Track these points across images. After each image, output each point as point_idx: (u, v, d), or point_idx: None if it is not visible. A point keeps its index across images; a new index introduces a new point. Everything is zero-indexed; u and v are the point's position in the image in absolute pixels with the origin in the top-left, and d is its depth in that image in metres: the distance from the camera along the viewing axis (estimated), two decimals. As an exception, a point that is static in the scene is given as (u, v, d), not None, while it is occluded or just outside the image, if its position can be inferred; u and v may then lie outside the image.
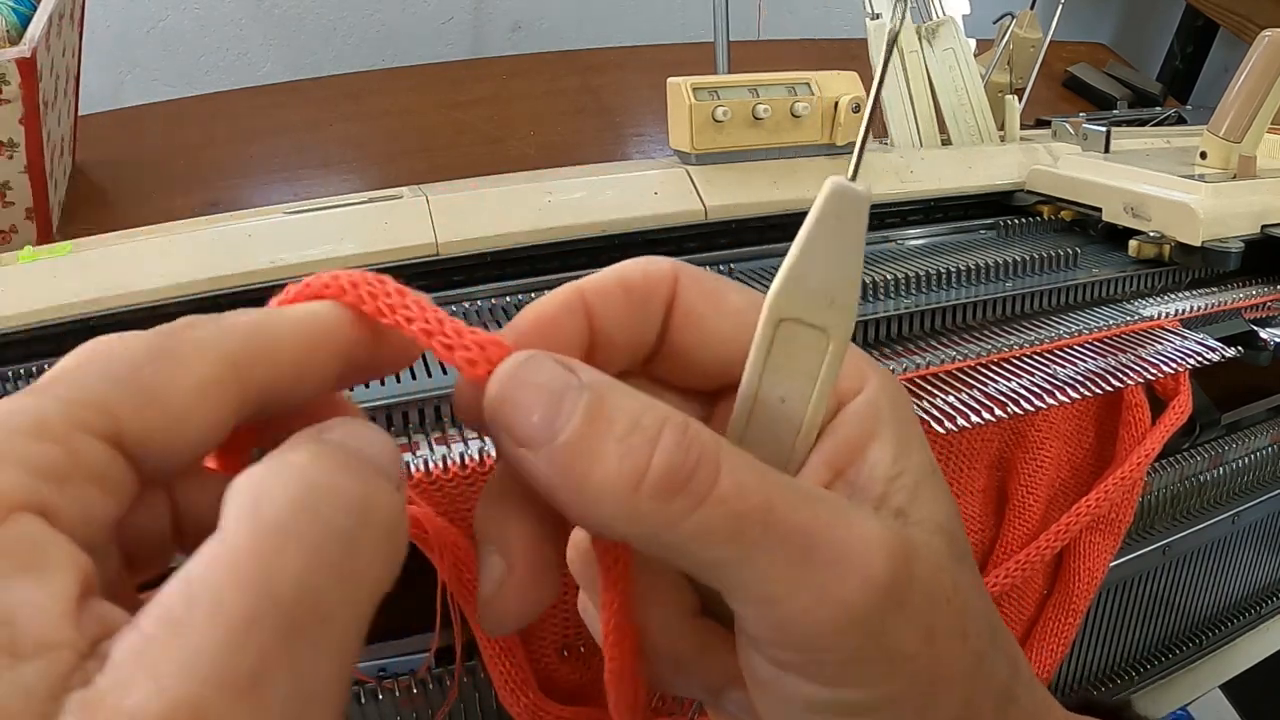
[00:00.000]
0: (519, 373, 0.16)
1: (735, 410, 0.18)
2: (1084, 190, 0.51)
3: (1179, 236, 0.46)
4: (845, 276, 0.17)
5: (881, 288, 0.41)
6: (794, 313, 0.17)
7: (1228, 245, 0.45)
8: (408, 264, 0.42)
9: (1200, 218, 0.45)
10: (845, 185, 0.17)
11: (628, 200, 0.45)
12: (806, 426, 0.18)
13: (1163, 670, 0.52)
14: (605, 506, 0.16)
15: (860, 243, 0.17)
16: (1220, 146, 0.50)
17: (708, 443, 0.16)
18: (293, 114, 0.88)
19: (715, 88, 0.47)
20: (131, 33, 1.14)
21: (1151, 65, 1.33)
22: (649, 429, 0.16)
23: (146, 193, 0.75)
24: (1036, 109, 0.86)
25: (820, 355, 0.18)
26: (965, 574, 0.18)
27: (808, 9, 1.35)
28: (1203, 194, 0.46)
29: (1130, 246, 0.47)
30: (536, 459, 0.16)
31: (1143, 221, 0.48)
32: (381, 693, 0.35)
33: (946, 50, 0.57)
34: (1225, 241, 0.45)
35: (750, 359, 0.18)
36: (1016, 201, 0.55)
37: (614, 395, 0.16)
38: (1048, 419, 0.41)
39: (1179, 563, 0.51)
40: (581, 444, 0.16)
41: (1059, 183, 0.53)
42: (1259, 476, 0.53)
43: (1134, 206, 0.48)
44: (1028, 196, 0.55)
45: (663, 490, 0.16)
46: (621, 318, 0.19)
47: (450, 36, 1.26)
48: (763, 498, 0.16)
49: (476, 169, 0.50)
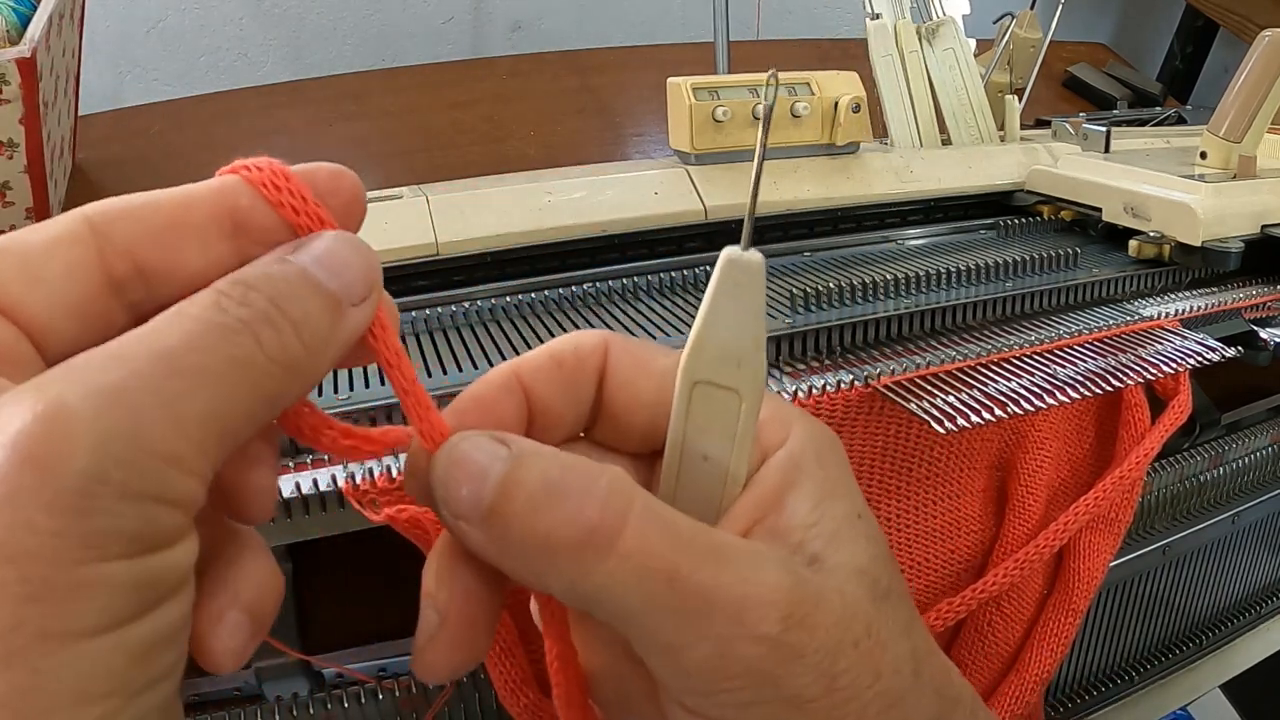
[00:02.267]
0: (453, 452, 0.18)
1: (664, 468, 0.20)
2: (1084, 190, 0.51)
3: (1179, 236, 0.46)
4: (749, 339, 0.19)
5: (882, 288, 0.41)
6: (705, 376, 0.19)
7: (1228, 245, 0.45)
8: (408, 264, 0.42)
9: (1200, 217, 0.45)
10: (739, 255, 0.18)
11: (627, 200, 0.45)
12: (730, 480, 0.20)
13: (1162, 670, 0.51)
14: (527, 561, 0.17)
15: (760, 307, 0.18)
16: (1220, 146, 0.50)
17: (620, 500, 0.17)
18: (293, 114, 0.88)
19: (715, 88, 0.47)
20: (131, 33, 1.14)
21: (1151, 65, 1.33)
22: (564, 488, 0.17)
23: (146, 193, 0.75)
24: (1036, 109, 0.86)
25: (735, 414, 0.19)
26: (885, 615, 0.19)
27: (808, 9, 1.35)
28: (1203, 194, 0.46)
29: (1130, 246, 0.47)
30: (470, 529, 0.18)
31: (1143, 221, 0.48)
32: (381, 693, 0.35)
33: (946, 50, 0.57)
34: (1225, 241, 0.45)
35: (671, 420, 0.20)
36: (1016, 202, 0.55)
37: (532, 459, 0.18)
38: (1048, 419, 0.41)
39: (1179, 563, 0.51)
40: (501, 505, 0.17)
41: (1059, 183, 0.53)
42: (1259, 476, 0.53)
43: (1134, 206, 0.48)
44: (1027, 197, 0.55)
45: (572, 544, 0.17)
46: (556, 391, 0.20)
47: (450, 36, 1.26)
48: (668, 556, 0.17)
49: (476, 169, 0.50)
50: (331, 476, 0.30)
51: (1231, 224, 0.46)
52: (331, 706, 0.35)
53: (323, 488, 0.29)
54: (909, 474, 0.37)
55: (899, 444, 0.37)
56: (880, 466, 0.37)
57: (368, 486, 0.29)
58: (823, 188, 0.49)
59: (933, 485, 0.38)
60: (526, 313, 0.41)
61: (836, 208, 0.49)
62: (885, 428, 0.36)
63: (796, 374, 0.36)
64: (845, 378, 0.34)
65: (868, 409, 0.35)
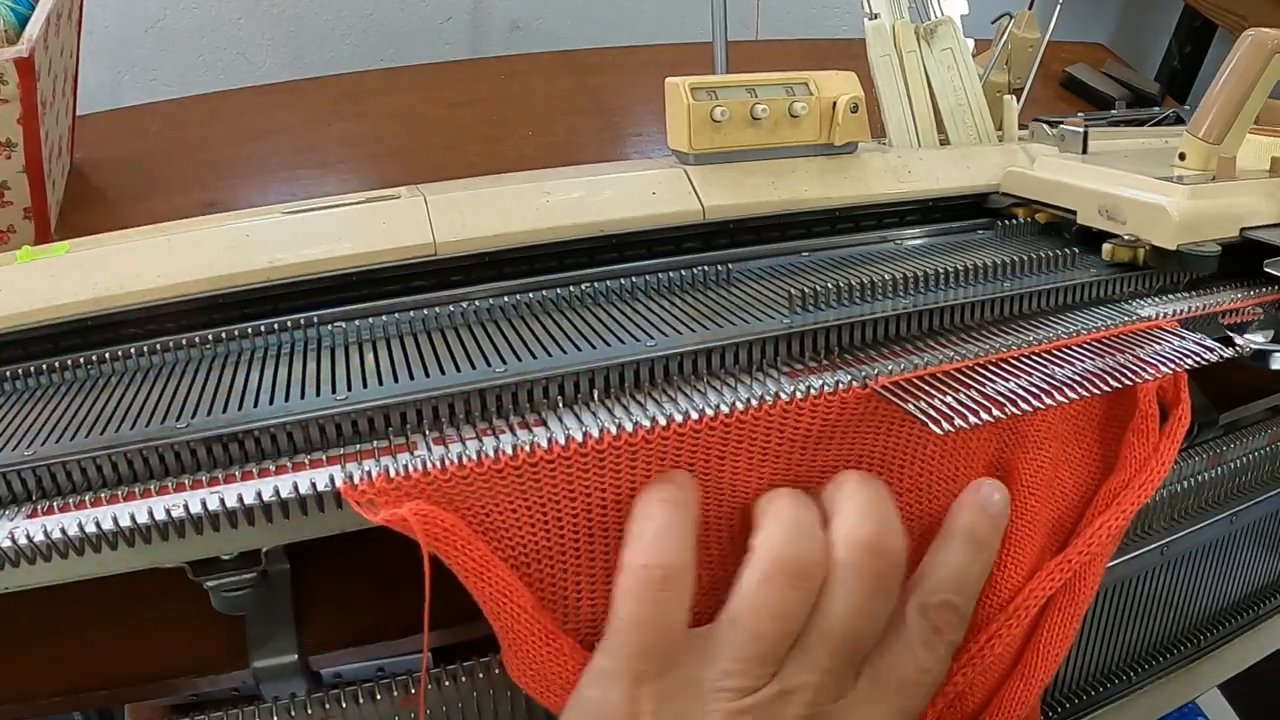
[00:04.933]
0: None
1: None
2: (1058, 192, 0.50)
3: (1154, 239, 0.45)
4: None
5: (880, 288, 0.41)
6: None
7: (1204, 248, 0.44)
8: (405, 264, 0.42)
9: (1175, 220, 0.44)
10: None
11: (626, 200, 0.45)
12: None
13: (1162, 670, 0.52)
14: None
15: None
16: (1200, 148, 0.49)
17: None
18: (291, 114, 0.88)
19: (713, 88, 0.47)
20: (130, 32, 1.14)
21: (1149, 65, 1.33)
22: None
23: (144, 193, 0.75)
24: (1035, 109, 0.86)
25: None
26: None
27: (806, 9, 1.35)
28: (1178, 196, 0.45)
29: (1104, 250, 0.46)
30: None
31: (1117, 224, 0.47)
32: (380, 693, 0.35)
33: (945, 50, 0.57)
34: (1202, 244, 0.44)
35: None
36: (991, 204, 0.54)
37: None
38: (1047, 419, 0.41)
39: (1177, 563, 0.51)
40: None
41: (1034, 185, 0.52)
42: (1257, 476, 0.53)
43: (1108, 209, 0.47)
44: (1003, 199, 0.54)
45: None
46: None
47: (449, 36, 1.26)
48: None
49: (474, 169, 0.50)
50: (330, 477, 0.30)
51: (1208, 227, 0.45)
52: (330, 707, 0.35)
53: (321, 488, 0.29)
54: (904, 474, 0.37)
55: (895, 444, 0.37)
56: (877, 467, 0.37)
57: (365, 487, 0.29)
58: (821, 187, 0.49)
59: (930, 486, 0.38)
60: (525, 313, 0.41)
61: (835, 208, 0.49)
62: (880, 428, 0.36)
63: (795, 374, 0.36)
64: (844, 378, 0.34)
65: (864, 409, 0.35)
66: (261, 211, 0.44)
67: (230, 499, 0.29)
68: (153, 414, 0.33)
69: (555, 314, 0.40)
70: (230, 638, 0.38)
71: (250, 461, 0.32)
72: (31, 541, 0.28)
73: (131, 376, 0.37)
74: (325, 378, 0.35)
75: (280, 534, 0.31)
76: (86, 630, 0.39)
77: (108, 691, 0.38)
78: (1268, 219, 0.46)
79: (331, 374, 0.35)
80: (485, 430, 0.33)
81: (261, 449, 0.32)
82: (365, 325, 0.40)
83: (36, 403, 0.35)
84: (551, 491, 0.31)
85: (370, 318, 0.41)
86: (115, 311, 0.39)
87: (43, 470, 0.31)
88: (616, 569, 0.32)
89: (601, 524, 0.32)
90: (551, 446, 0.31)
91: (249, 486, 0.30)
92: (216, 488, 0.30)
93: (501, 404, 0.34)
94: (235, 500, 0.29)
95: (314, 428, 0.32)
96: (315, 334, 0.40)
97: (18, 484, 0.30)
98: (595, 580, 0.33)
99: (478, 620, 0.31)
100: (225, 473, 0.31)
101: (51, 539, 0.28)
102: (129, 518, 0.29)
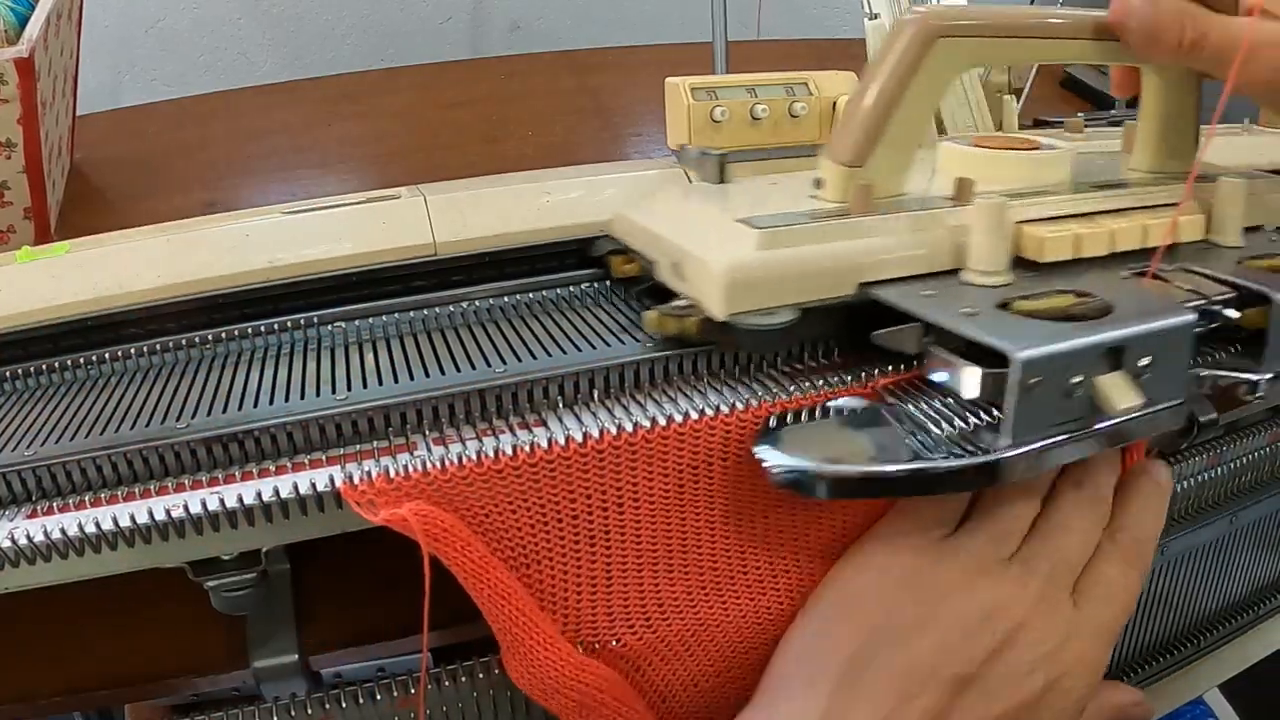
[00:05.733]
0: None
1: None
2: (645, 240, 0.39)
3: (708, 306, 0.33)
4: None
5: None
6: None
7: (769, 319, 0.33)
8: (405, 264, 0.42)
9: (722, 281, 0.32)
10: None
11: (626, 200, 0.45)
12: None
13: (1161, 670, 0.52)
14: None
15: None
16: (839, 174, 0.37)
17: None
18: (290, 114, 0.88)
19: (713, 88, 0.47)
20: (130, 32, 1.14)
21: (1150, 65, 1.33)
22: None
23: (144, 193, 0.75)
24: (1034, 109, 0.86)
25: None
26: None
27: (806, 9, 1.35)
28: (742, 247, 0.33)
29: (646, 319, 0.36)
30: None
31: (685, 285, 0.35)
32: (380, 693, 0.35)
33: (945, 50, 0.57)
34: (773, 311, 0.33)
35: None
36: (595, 251, 0.43)
37: None
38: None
39: (1177, 562, 0.51)
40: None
41: (631, 229, 0.40)
42: (1257, 476, 0.53)
43: (677, 264, 0.36)
44: (606, 244, 0.43)
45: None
46: None
47: (449, 36, 1.26)
48: None
49: (474, 169, 0.50)
50: (330, 477, 0.30)
51: (796, 286, 0.33)
52: (330, 707, 0.35)
53: (321, 488, 0.29)
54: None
55: None
56: None
57: (365, 487, 0.29)
58: (820, 188, 0.49)
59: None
60: (525, 313, 0.41)
61: (834, 208, 0.49)
62: None
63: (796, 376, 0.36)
64: (844, 378, 0.34)
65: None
66: (261, 211, 0.44)
67: (230, 499, 0.29)
68: (153, 414, 0.33)
69: (555, 314, 0.40)
70: (230, 638, 0.38)
71: (250, 462, 0.32)
72: (31, 542, 0.28)
73: (131, 377, 0.37)
74: (325, 378, 0.35)
75: (280, 534, 0.31)
76: (86, 630, 0.39)
77: (108, 691, 0.38)
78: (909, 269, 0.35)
79: (331, 374, 0.35)
80: (485, 431, 0.33)
81: (261, 449, 0.32)
82: (365, 325, 0.40)
83: (36, 403, 0.35)
84: (551, 492, 0.31)
85: (370, 318, 0.41)
86: (115, 311, 0.39)
87: (43, 470, 0.31)
88: (616, 569, 0.32)
89: (601, 525, 0.32)
90: (551, 447, 0.31)
91: (249, 487, 0.30)
92: (216, 488, 0.30)
93: (501, 404, 0.34)
94: (235, 500, 0.29)
95: (314, 428, 0.32)
96: (315, 334, 0.40)
97: (18, 484, 0.31)
98: (595, 581, 0.33)
99: (478, 620, 0.31)
100: (225, 473, 0.31)
101: (51, 539, 0.28)
102: (129, 518, 0.29)
